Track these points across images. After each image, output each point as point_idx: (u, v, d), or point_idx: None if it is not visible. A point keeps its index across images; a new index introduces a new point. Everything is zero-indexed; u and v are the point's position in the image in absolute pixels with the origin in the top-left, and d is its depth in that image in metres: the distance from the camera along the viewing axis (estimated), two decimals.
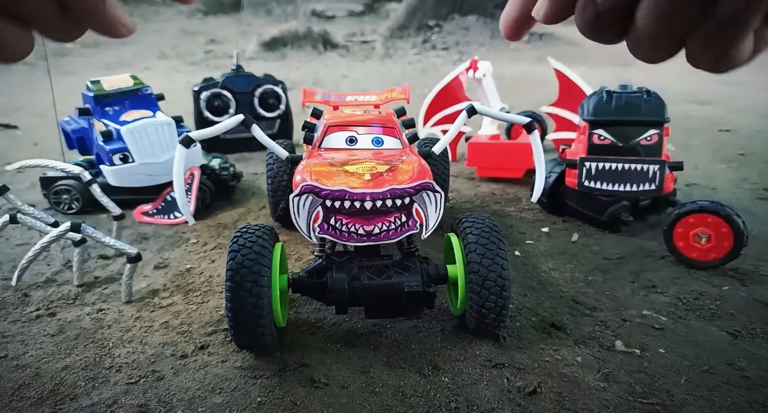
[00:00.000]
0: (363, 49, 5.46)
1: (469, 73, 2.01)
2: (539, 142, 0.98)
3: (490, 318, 0.90)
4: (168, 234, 1.45)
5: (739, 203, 1.58)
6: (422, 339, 0.97)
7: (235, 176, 1.75)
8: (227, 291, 0.83)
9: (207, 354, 0.93)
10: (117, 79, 1.64)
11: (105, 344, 0.96)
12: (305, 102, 1.50)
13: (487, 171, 1.86)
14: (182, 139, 0.90)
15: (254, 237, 0.87)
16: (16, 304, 1.11)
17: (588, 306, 1.07)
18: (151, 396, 0.83)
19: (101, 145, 1.52)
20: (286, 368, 0.89)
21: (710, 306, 1.07)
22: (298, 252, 1.33)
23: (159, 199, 1.59)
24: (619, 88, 1.38)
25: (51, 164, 1.20)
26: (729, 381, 0.85)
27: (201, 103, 2.14)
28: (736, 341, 0.96)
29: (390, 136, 1.05)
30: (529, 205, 1.62)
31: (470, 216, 0.97)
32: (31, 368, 0.90)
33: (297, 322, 1.02)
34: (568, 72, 1.91)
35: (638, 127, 1.34)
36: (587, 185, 1.38)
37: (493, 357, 0.91)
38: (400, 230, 0.87)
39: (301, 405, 0.81)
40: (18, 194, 1.72)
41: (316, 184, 0.84)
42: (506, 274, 0.89)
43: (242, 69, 2.24)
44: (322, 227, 0.86)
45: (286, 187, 1.36)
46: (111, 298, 1.13)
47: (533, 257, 1.30)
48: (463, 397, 0.82)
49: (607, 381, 0.85)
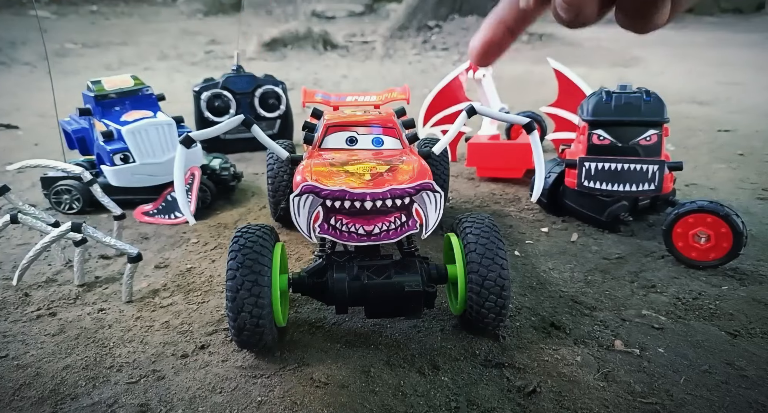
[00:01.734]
0: (363, 49, 5.46)
1: (468, 74, 2.01)
2: (539, 143, 0.99)
3: (489, 317, 0.90)
4: (168, 234, 1.46)
5: (738, 203, 1.59)
6: (422, 339, 0.97)
7: (235, 176, 1.75)
8: (228, 290, 0.84)
9: (207, 353, 0.94)
10: (117, 79, 1.64)
11: (106, 344, 0.97)
12: (305, 102, 1.50)
13: (487, 171, 1.87)
14: (183, 139, 0.90)
15: (255, 237, 0.88)
16: (16, 304, 1.11)
17: (587, 306, 1.08)
18: (151, 395, 0.83)
19: (102, 145, 1.53)
20: (286, 367, 0.89)
21: (709, 306, 1.07)
22: (298, 252, 1.33)
23: (159, 199, 1.59)
24: (618, 88, 1.38)
25: (52, 164, 1.21)
26: (728, 381, 0.85)
27: (201, 104, 2.14)
28: (735, 341, 0.96)
29: (390, 137, 1.05)
30: (529, 205, 1.63)
31: (470, 216, 0.97)
32: (31, 367, 0.90)
33: (297, 322, 1.03)
34: (568, 72, 1.91)
35: (638, 127, 1.34)
36: (587, 185, 1.38)
37: (492, 356, 0.91)
38: (400, 230, 0.88)
39: (301, 404, 0.81)
40: (19, 194, 1.73)
41: (316, 184, 0.84)
42: (506, 274, 0.89)
43: (242, 69, 2.24)
44: (322, 227, 0.86)
45: (286, 187, 1.36)
46: (112, 298, 1.13)
47: (533, 257, 1.30)
48: (463, 397, 0.82)
49: (607, 380, 0.86)
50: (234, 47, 3.84)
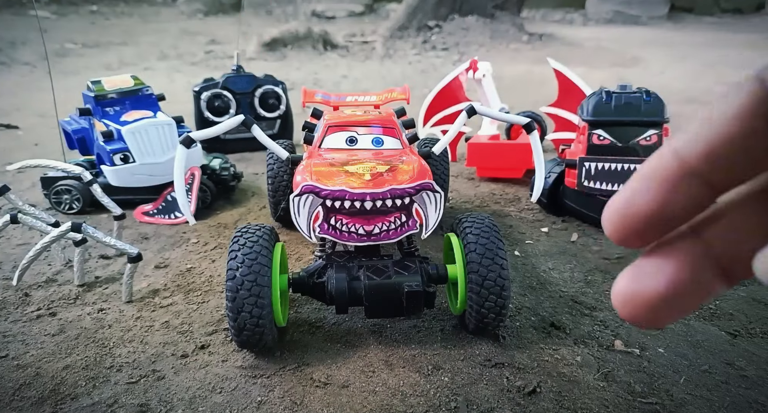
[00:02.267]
0: (363, 49, 5.46)
1: (468, 74, 2.01)
2: (539, 143, 0.99)
3: (489, 317, 0.90)
4: (168, 234, 1.46)
5: None
6: (422, 339, 0.97)
7: (235, 176, 1.75)
8: (228, 290, 0.84)
9: (207, 353, 0.94)
10: (117, 79, 1.64)
11: (106, 344, 0.97)
12: (305, 102, 1.50)
13: (487, 171, 1.87)
14: (183, 139, 0.90)
15: (255, 237, 0.88)
16: (16, 304, 1.11)
17: (587, 306, 1.08)
18: (151, 395, 0.83)
19: (102, 145, 1.53)
20: (286, 367, 0.89)
21: (709, 306, 1.07)
22: (298, 252, 1.33)
23: (160, 199, 1.59)
24: (618, 88, 1.38)
25: (52, 164, 1.21)
26: (728, 381, 0.85)
27: (201, 104, 2.14)
28: (735, 341, 0.96)
29: (390, 137, 1.05)
30: (529, 205, 1.63)
31: (470, 216, 0.97)
32: (31, 368, 0.90)
33: (297, 322, 1.03)
34: (568, 72, 1.91)
35: (638, 127, 1.34)
36: (587, 185, 1.38)
37: (492, 356, 0.91)
38: (400, 230, 0.88)
39: (301, 404, 0.81)
40: (19, 194, 1.73)
41: (316, 184, 0.84)
42: (506, 274, 0.89)
43: (243, 69, 2.24)
44: (322, 227, 0.86)
45: (286, 187, 1.36)
46: (112, 298, 1.13)
47: (533, 257, 1.30)
48: (462, 397, 0.82)
49: (607, 380, 0.86)
50: (234, 47, 3.84)
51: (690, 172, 0.16)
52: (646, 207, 0.17)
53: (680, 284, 0.17)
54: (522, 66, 4.33)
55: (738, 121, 0.15)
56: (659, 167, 0.17)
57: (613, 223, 0.18)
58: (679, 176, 0.17)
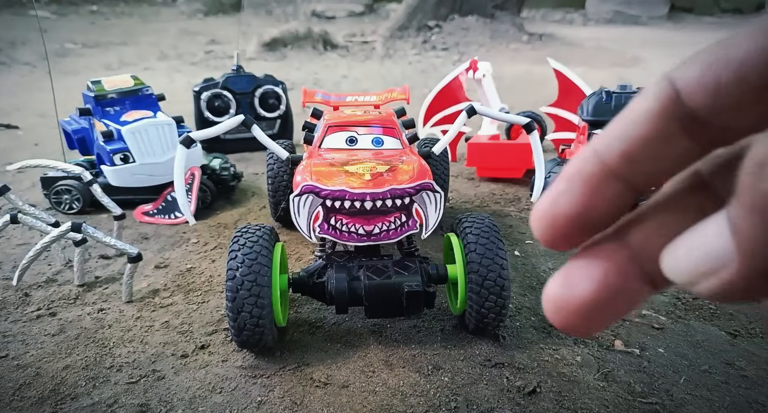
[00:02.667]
0: (363, 49, 5.46)
1: (468, 74, 2.01)
2: (539, 143, 0.99)
3: (489, 317, 0.90)
4: (168, 234, 1.46)
5: None
6: (422, 339, 0.97)
7: (235, 176, 1.75)
8: (228, 290, 0.84)
9: (207, 353, 0.94)
10: (117, 79, 1.64)
11: (106, 344, 0.97)
12: (305, 102, 1.50)
13: (487, 171, 1.87)
14: (183, 139, 0.90)
15: (255, 237, 0.88)
16: (16, 304, 1.11)
17: None
18: (151, 395, 0.83)
19: (102, 145, 1.53)
20: (286, 367, 0.89)
21: (709, 306, 1.07)
22: (298, 252, 1.33)
23: (160, 199, 1.59)
24: (618, 88, 1.38)
25: (52, 164, 1.21)
26: (728, 381, 0.85)
27: (201, 104, 2.14)
28: (735, 341, 0.96)
29: (390, 137, 1.05)
30: (529, 205, 1.63)
31: (470, 216, 0.97)
32: (31, 368, 0.90)
33: (297, 322, 1.03)
34: (568, 72, 1.91)
35: None
36: None
37: (492, 356, 0.91)
38: (400, 230, 0.88)
39: (301, 404, 0.81)
40: (19, 194, 1.73)
41: (316, 184, 0.84)
42: (506, 274, 0.89)
43: (243, 69, 2.24)
44: (322, 227, 0.86)
45: (286, 187, 1.36)
46: (112, 298, 1.13)
47: (533, 257, 1.30)
48: (462, 397, 0.82)
49: (607, 380, 0.86)
50: (234, 47, 3.84)
51: (610, 174, 0.16)
52: (569, 208, 0.17)
53: (608, 290, 0.17)
54: (522, 66, 4.33)
55: (650, 122, 0.15)
56: (581, 168, 0.17)
57: (539, 225, 0.18)
58: (600, 177, 0.16)
